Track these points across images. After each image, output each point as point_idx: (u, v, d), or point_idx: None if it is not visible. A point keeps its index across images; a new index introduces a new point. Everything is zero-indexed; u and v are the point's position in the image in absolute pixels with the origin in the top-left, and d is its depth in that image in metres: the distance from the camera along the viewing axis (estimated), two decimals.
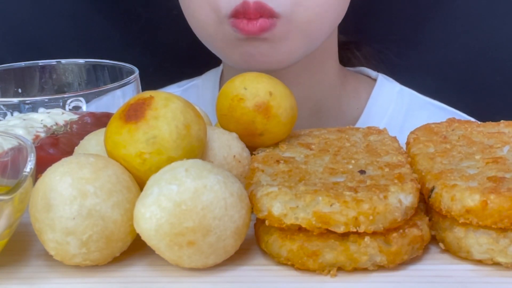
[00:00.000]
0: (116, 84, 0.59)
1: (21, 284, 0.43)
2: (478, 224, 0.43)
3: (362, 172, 0.47)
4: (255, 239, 0.47)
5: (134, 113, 0.45)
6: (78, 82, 0.68)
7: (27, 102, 0.57)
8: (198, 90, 0.88)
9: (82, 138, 0.51)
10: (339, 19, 0.73)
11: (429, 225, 0.45)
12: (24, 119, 0.57)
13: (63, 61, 0.68)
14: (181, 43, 0.86)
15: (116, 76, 0.64)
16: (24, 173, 0.43)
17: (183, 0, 0.72)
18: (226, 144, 0.49)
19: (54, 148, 0.55)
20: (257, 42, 0.67)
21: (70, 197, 0.42)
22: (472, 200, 0.43)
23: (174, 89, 0.89)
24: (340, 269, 0.43)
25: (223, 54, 0.73)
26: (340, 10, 0.71)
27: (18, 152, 0.47)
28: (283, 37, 0.67)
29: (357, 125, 0.76)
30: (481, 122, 0.56)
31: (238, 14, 0.65)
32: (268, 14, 0.65)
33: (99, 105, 0.60)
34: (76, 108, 0.59)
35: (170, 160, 0.44)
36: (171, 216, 0.41)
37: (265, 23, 0.65)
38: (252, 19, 0.65)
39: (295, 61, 0.71)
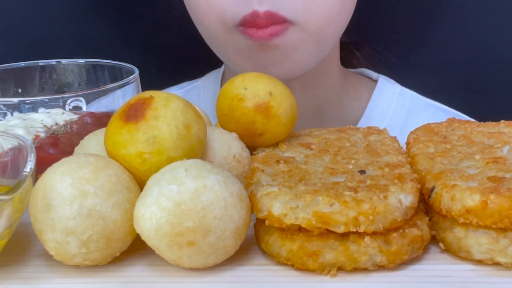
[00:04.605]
0: (116, 84, 0.59)
1: (21, 284, 0.43)
2: (478, 224, 0.43)
3: (362, 172, 0.47)
4: (255, 239, 0.47)
5: (134, 113, 0.45)
6: (78, 82, 0.68)
7: (27, 102, 0.57)
8: (199, 92, 0.88)
9: (82, 138, 0.51)
10: (346, 24, 0.73)
11: (429, 225, 0.45)
12: (24, 119, 0.57)
13: (63, 61, 0.68)
14: (181, 43, 0.86)
15: (116, 76, 0.64)
16: (24, 173, 0.43)
17: (191, 9, 0.71)
18: (226, 144, 0.49)
19: (54, 148, 0.55)
20: (269, 51, 0.66)
21: (70, 197, 0.42)
22: (472, 200, 0.43)
23: (175, 91, 0.88)
24: (340, 269, 0.43)
25: (234, 64, 0.72)
26: (347, 14, 0.71)
27: (18, 152, 0.47)
28: (294, 46, 0.66)
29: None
30: (481, 122, 0.56)
31: (247, 23, 0.64)
32: (281, 20, 0.64)
33: (99, 105, 0.60)
34: (76, 108, 0.59)
35: (170, 160, 0.44)
36: (171, 216, 0.41)
37: (277, 28, 0.64)
38: (262, 27, 0.64)
39: (306, 71, 0.70)
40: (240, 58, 0.69)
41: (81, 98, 0.58)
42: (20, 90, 0.66)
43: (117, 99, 0.59)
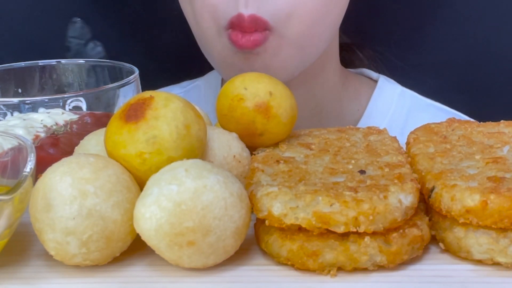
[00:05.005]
0: (116, 84, 0.59)
1: (21, 284, 0.43)
2: (478, 224, 0.43)
3: (362, 172, 0.47)
4: (255, 239, 0.47)
5: (134, 113, 0.45)
6: (78, 82, 0.68)
7: (27, 102, 0.57)
8: (200, 91, 0.88)
9: (82, 138, 0.51)
10: (335, 28, 0.73)
11: (429, 225, 0.45)
12: (24, 119, 0.57)
13: (63, 61, 0.68)
14: (181, 43, 0.86)
15: (116, 76, 0.64)
16: (24, 173, 0.43)
17: (187, 9, 0.71)
18: (226, 144, 0.49)
19: (54, 148, 0.55)
20: (251, 58, 0.67)
21: (70, 197, 0.42)
22: (472, 200, 0.43)
23: (176, 90, 0.89)
24: (340, 269, 0.43)
25: (219, 68, 0.74)
26: (335, 18, 0.71)
27: (18, 152, 0.47)
28: (275, 52, 0.66)
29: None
30: (481, 122, 0.56)
31: (234, 26, 0.65)
32: (263, 27, 0.65)
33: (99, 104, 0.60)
34: (76, 108, 0.59)
35: (170, 160, 0.44)
36: (171, 216, 0.41)
37: (259, 37, 0.65)
38: (246, 32, 0.65)
39: (290, 78, 0.70)
40: (224, 63, 0.70)
41: (81, 98, 0.58)
42: (20, 90, 0.66)
43: (117, 99, 0.59)
